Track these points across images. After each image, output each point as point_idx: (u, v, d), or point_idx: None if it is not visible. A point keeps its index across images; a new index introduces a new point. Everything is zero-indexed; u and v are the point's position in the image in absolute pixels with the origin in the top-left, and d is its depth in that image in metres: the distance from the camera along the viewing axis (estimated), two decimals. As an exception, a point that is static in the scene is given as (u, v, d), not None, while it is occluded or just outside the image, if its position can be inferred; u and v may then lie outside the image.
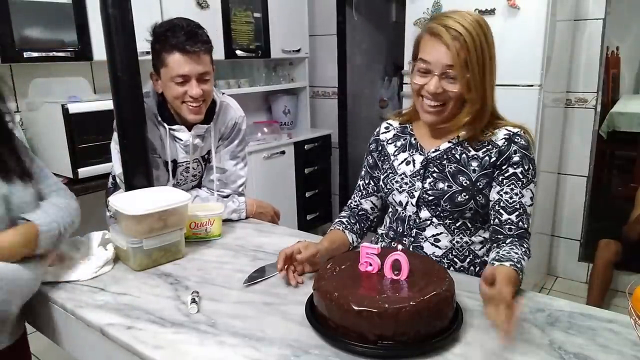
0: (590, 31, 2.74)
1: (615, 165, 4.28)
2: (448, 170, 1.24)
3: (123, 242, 1.28)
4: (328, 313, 0.93)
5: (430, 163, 1.27)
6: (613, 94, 4.18)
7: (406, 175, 1.29)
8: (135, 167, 1.49)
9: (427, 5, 2.55)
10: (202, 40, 1.48)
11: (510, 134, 1.21)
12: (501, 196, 1.19)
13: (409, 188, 1.28)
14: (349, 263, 1.05)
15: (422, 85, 1.18)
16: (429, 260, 1.08)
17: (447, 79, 1.15)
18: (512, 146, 1.19)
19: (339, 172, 3.96)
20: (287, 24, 3.40)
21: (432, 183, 1.25)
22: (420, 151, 1.29)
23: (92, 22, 2.23)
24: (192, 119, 1.55)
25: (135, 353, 0.94)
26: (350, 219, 1.38)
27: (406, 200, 1.28)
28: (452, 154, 1.25)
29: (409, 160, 1.30)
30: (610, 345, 0.90)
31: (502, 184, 1.20)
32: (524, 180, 1.19)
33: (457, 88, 1.15)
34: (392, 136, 1.37)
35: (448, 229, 1.26)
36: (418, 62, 1.19)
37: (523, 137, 1.21)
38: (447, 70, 1.14)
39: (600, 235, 2.52)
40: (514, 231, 1.17)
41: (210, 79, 1.53)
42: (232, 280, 1.21)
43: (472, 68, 1.13)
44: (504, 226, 1.18)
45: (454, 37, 1.12)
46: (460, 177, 1.23)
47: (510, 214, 1.18)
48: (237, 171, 1.73)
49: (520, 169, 1.19)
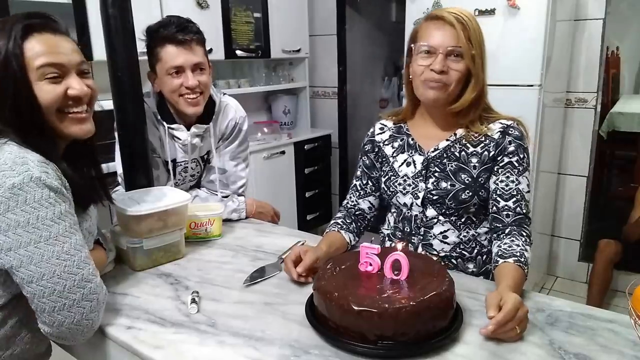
0: (590, 31, 2.74)
1: (615, 165, 4.28)
2: (449, 169, 1.25)
3: (123, 242, 1.28)
4: (328, 313, 0.93)
5: (431, 163, 1.27)
6: (613, 94, 4.18)
7: (408, 176, 1.29)
8: (135, 167, 1.49)
9: (427, 5, 2.55)
10: (193, 31, 1.49)
11: (504, 126, 1.23)
12: (497, 185, 1.21)
13: (413, 189, 1.28)
14: (349, 263, 1.04)
15: (426, 65, 1.18)
16: (429, 260, 1.08)
17: (452, 57, 1.17)
18: (507, 137, 1.22)
19: (339, 172, 3.96)
20: (287, 24, 3.40)
21: (435, 183, 1.26)
22: (420, 151, 1.29)
23: (92, 22, 2.23)
24: (191, 111, 1.54)
25: (135, 353, 0.94)
26: (346, 219, 1.37)
27: (411, 202, 1.29)
28: (452, 152, 1.25)
29: (409, 161, 1.30)
30: (610, 345, 0.90)
31: (498, 173, 1.22)
32: (519, 168, 1.21)
33: (463, 66, 1.17)
34: (388, 137, 1.36)
35: (454, 225, 1.27)
36: (418, 47, 1.20)
37: (517, 129, 1.23)
38: (453, 48, 1.16)
39: (600, 235, 2.52)
40: (512, 217, 1.18)
41: (206, 69, 1.53)
42: (232, 280, 1.21)
43: (476, 46, 1.17)
44: (501, 213, 1.20)
45: (456, 19, 1.16)
46: (462, 175, 1.23)
47: (507, 200, 1.19)
48: (238, 172, 1.73)
49: (516, 157, 1.21)
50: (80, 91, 0.99)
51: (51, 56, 0.95)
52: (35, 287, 0.89)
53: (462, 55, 1.16)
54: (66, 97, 0.98)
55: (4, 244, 0.88)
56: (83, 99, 1.01)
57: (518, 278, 1.04)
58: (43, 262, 0.88)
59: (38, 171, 0.89)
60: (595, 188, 3.07)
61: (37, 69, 0.94)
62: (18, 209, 0.87)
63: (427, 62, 1.18)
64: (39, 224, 0.88)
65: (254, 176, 2.91)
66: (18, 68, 0.92)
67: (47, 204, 0.89)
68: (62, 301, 0.90)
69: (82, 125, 1.02)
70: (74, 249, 0.92)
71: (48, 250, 0.89)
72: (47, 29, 0.96)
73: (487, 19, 2.38)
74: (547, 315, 1.00)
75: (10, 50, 0.92)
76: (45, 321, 0.91)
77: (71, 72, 0.99)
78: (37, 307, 0.91)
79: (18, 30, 0.93)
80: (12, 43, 0.92)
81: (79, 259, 0.92)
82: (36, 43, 0.94)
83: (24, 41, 0.93)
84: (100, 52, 2.07)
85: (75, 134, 1.02)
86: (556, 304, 1.06)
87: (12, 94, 0.92)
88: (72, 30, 2.22)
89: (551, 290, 2.99)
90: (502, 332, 0.89)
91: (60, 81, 0.97)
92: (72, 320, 0.91)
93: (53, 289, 0.89)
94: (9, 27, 0.93)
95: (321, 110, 3.98)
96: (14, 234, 0.87)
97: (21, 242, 0.88)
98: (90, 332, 0.95)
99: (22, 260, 0.88)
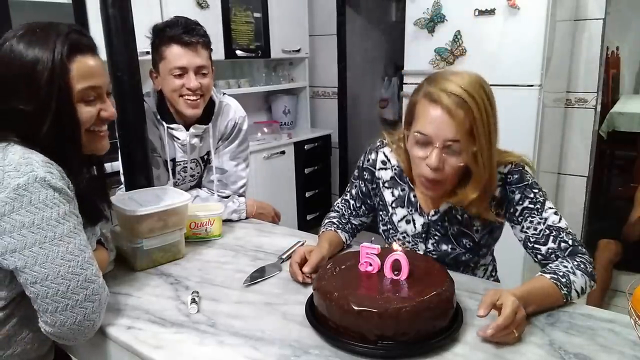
0: (590, 31, 2.74)
1: (615, 165, 4.28)
2: (451, 232, 1.20)
3: (123, 242, 1.28)
4: (328, 313, 0.93)
5: (432, 227, 1.22)
6: (613, 94, 4.17)
7: (407, 234, 1.26)
8: (135, 167, 1.49)
9: (427, 5, 2.55)
10: (200, 34, 1.50)
11: (502, 177, 1.12)
12: (527, 232, 1.11)
13: (412, 246, 1.26)
14: (349, 263, 1.04)
15: (422, 158, 1.07)
16: (429, 260, 1.08)
17: (450, 151, 1.04)
18: (507, 188, 1.12)
19: (339, 173, 3.96)
20: (287, 24, 3.40)
21: (434, 244, 1.23)
22: (420, 212, 1.22)
23: (92, 22, 2.23)
24: (190, 113, 1.55)
25: (135, 353, 0.94)
26: (341, 218, 1.36)
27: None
28: (453, 214, 1.19)
29: (409, 219, 1.24)
30: (610, 346, 0.90)
31: (520, 222, 1.12)
32: (537, 206, 1.10)
33: (461, 161, 1.05)
34: (389, 178, 1.26)
35: (452, 267, 1.23)
36: (415, 135, 1.06)
37: (515, 173, 1.12)
38: (450, 144, 1.02)
39: (600, 236, 2.52)
40: (562, 254, 1.08)
41: (208, 74, 1.53)
42: (232, 280, 1.21)
43: (479, 139, 1.02)
44: (550, 257, 1.09)
45: (457, 104, 1.00)
46: (463, 240, 1.20)
47: (546, 243, 1.09)
48: (238, 172, 1.72)
49: (527, 200, 1.11)
50: (110, 114, 1.04)
51: (92, 80, 0.98)
52: (39, 287, 0.89)
53: (460, 151, 1.03)
54: (98, 117, 1.02)
55: (9, 245, 0.88)
56: (110, 119, 1.05)
57: (542, 291, 0.99)
58: (48, 263, 0.89)
59: (43, 171, 0.90)
60: (595, 188, 3.07)
61: (78, 92, 0.96)
62: (23, 209, 0.88)
63: (422, 154, 1.06)
64: (43, 225, 0.89)
65: (254, 176, 2.91)
66: (65, 87, 0.94)
67: (51, 205, 0.90)
68: (65, 301, 0.90)
69: (104, 142, 1.07)
70: (78, 250, 0.92)
71: (53, 251, 0.89)
72: (89, 50, 1.00)
73: (487, 19, 2.38)
74: (547, 316, 1.00)
75: (57, 68, 0.93)
76: (47, 321, 0.91)
77: (104, 94, 1.03)
78: (39, 308, 0.91)
79: (64, 47, 0.94)
80: (59, 61, 0.93)
81: (83, 260, 0.93)
82: (80, 64, 0.96)
83: (70, 61, 0.94)
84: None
85: (97, 150, 1.07)
86: (556, 304, 1.06)
87: (56, 110, 0.94)
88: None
89: (551, 290, 2.98)
90: (500, 336, 0.89)
91: (95, 103, 1.01)
92: (75, 320, 0.91)
93: (57, 290, 0.89)
94: (53, 41, 0.93)
95: (321, 110, 3.98)
96: (19, 234, 0.88)
97: (26, 243, 0.88)
98: (91, 332, 0.95)
99: (27, 261, 0.88)
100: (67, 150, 0.98)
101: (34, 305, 0.92)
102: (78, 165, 1.01)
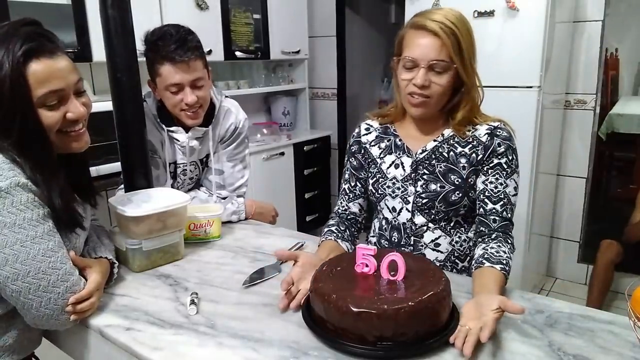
0: (589, 33, 2.74)
1: (614, 166, 4.28)
2: (438, 170, 1.24)
3: (122, 243, 1.28)
4: (326, 315, 0.93)
5: (420, 165, 1.26)
6: (612, 96, 4.18)
7: (397, 179, 1.28)
8: (134, 168, 1.49)
9: (426, 6, 2.53)
10: (192, 47, 1.46)
11: (491, 128, 1.22)
12: (486, 185, 1.21)
13: (402, 193, 1.27)
14: (345, 264, 1.04)
15: (409, 79, 1.17)
16: (425, 261, 1.08)
17: (434, 71, 1.15)
18: (496, 139, 1.21)
19: (338, 174, 3.96)
20: (287, 25, 3.40)
21: (424, 185, 1.25)
22: (408, 153, 1.28)
23: (92, 23, 2.22)
24: (191, 123, 1.57)
25: (134, 354, 0.94)
26: (340, 226, 1.34)
27: (400, 206, 1.28)
28: (440, 152, 1.25)
29: (397, 163, 1.29)
30: (610, 347, 0.90)
31: (487, 174, 1.22)
32: (508, 171, 1.20)
33: (445, 80, 1.15)
34: (374, 138, 1.34)
35: (444, 231, 1.26)
36: (403, 60, 1.18)
37: (504, 129, 1.22)
38: (434, 62, 1.13)
39: (600, 237, 2.52)
40: (499, 222, 1.19)
41: (204, 84, 1.52)
42: (231, 281, 1.21)
43: (462, 59, 1.14)
44: (489, 216, 1.20)
45: (441, 29, 1.12)
46: (451, 176, 1.23)
47: (495, 203, 1.19)
48: (235, 173, 1.72)
49: (505, 159, 1.20)
50: (78, 115, 1.02)
51: (51, 84, 0.95)
52: (20, 284, 0.92)
53: (445, 69, 1.14)
54: (65, 120, 1.00)
55: None
56: (80, 120, 1.03)
57: (502, 287, 1.07)
58: (29, 260, 0.93)
59: (25, 177, 0.94)
60: (595, 189, 3.08)
61: (38, 98, 0.95)
62: (5, 211, 0.91)
63: (409, 76, 1.17)
64: (25, 224, 0.93)
65: (253, 177, 2.90)
66: (24, 95, 0.93)
67: (32, 207, 0.94)
68: (47, 295, 0.95)
69: (80, 141, 1.06)
70: (57, 246, 0.98)
71: (34, 249, 0.93)
72: (46, 53, 0.95)
73: (486, 20, 2.38)
74: (546, 317, 1.00)
75: (14, 77, 0.91)
76: (33, 316, 0.96)
77: (70, 95, 1.00)
78: (24, 305, 0.95)
79: (18, 55, 0.91)
80: (16, 70, 0.91)
81: (62, 255, 0.98)
82: (36, 70, 0.93)
83: (25, 67, 0.92)
84: (99, 53, 2.08)
85: (74, 150, 1.06)
86: (555, 305, 1.06)
87: (20, 118, 0.93)
88: (72, 31, 2.23)
89: (550, 291, 2.99)
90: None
91: (59, 106, 0.99)
92: (60, 311, 0.97)
93: (38, 285, 0.94)
94: (8, 48, 0.91)
95: (320, 112, 3.99)
96: (0, 234, 0.91)
97: (7, 241, 0.91)
98: (74, 321, 1.01)
99: (7, 259, 0.91)
100: (39, 156, 0.97)
101: (16, 303, 0.95)
102: (51, 170, 0.99)
